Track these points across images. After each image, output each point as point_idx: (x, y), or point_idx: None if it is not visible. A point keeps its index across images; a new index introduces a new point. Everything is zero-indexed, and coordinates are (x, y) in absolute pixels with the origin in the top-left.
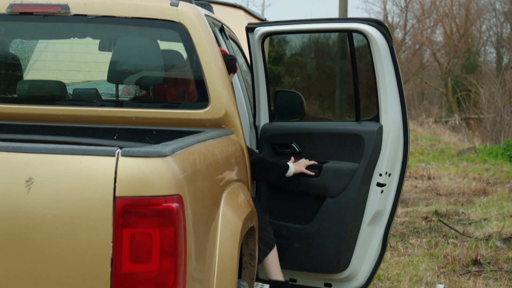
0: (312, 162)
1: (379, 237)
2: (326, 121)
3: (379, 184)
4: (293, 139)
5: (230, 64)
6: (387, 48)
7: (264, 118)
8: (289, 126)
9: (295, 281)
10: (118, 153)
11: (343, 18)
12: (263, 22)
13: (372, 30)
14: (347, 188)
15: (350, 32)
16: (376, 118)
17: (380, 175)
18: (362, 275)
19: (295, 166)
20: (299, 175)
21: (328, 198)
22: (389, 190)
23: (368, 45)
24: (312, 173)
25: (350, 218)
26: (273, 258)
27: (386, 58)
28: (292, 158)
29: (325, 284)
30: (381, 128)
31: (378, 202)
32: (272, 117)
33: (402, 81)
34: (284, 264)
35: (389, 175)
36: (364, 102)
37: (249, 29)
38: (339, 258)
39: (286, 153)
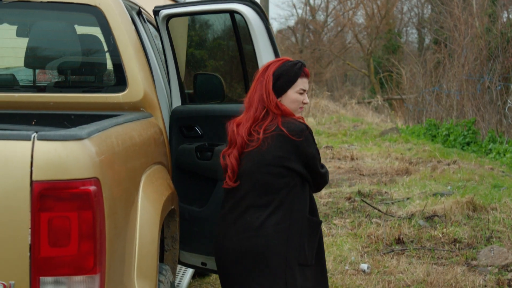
0: None
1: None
2: (227, 103)
3: None
4: (198, 122)
5: (293, 70)
6: (263, 28)
7: (176, 101)
8: (195, 109)
9: (205, 264)
10: (34, 137)
11: None
12: (167, 5)
13: (247, 10)
14: None
15: (231, 12)
16: None
17: None
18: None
19: None
20: (194, 157)
21: (219, 181)
22: None
23: (246, 25)
24: None
25: None
26: None
27: (263, 38)
28: None
29: None
30: None
31: None
32: (184, 100)
33: None
34: (196, 248)
35: None
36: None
37: (155, 12)
38: None
39: (192, 136)
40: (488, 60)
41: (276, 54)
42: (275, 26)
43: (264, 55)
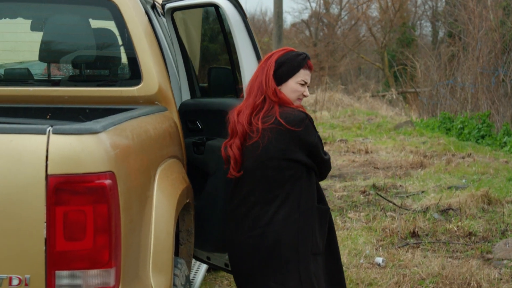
0: None
1: None
2: (222, 97)
3: None
4: (200, 115)
5: (296, 59)
6: (241, 22)
7: (185, 95)
8: (198, 103)
9: (209, 259)
10: (49, 131)
11: None
12: None
13: (224, 3)
14: (220, 165)
15: (213, 6)
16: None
17: None
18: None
19: None
20: (191, 151)
21: (210, 175)
22: None
23: (226, 20)
24: None
25: (220, 197)
26: None
27: (240, 32)
28: None
29: (225, 265)
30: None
31: None
32: (193, 94)
33: (261, 57)
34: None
35: None
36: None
37: (162, 6)
38: (216, 238)
39: (194, 129)
40: (503, 53)
41: (255, 47)
42: (289, 19)
43: (243, 49)
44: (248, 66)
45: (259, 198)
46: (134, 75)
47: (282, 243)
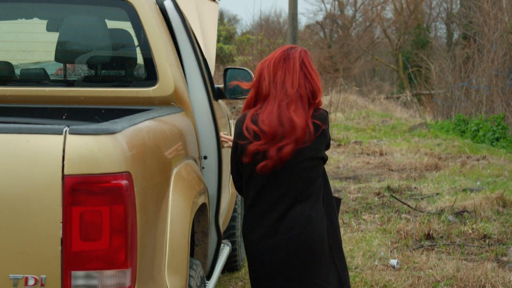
0: None
1: (212, 224)
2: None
3: None
4: None
5: None
6: (180, 21)
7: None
8: None
9: None
10: (66, 131)
11: None
12: None
13: (168, 3)
14: None
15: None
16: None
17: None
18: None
19: None
20: None
21: None
22: (209, 174)
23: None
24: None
25: None
26: None
27: (180, 31)
28: None
29: None
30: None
31: None
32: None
33: (201, 60)
34: None
35: (205, 157)
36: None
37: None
38: None
39: None
40: None
41: (195, 51)
42: (303, 21)
43: (184, 51)
44: (189, 66)
45: (296, 198)
46: (150, 75)
47: (319, 240)
